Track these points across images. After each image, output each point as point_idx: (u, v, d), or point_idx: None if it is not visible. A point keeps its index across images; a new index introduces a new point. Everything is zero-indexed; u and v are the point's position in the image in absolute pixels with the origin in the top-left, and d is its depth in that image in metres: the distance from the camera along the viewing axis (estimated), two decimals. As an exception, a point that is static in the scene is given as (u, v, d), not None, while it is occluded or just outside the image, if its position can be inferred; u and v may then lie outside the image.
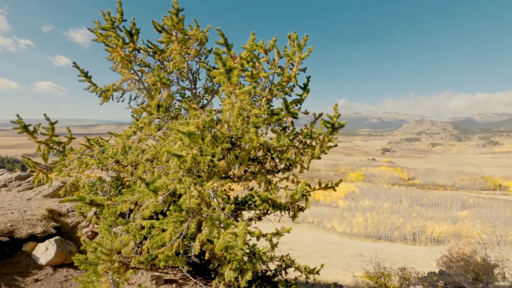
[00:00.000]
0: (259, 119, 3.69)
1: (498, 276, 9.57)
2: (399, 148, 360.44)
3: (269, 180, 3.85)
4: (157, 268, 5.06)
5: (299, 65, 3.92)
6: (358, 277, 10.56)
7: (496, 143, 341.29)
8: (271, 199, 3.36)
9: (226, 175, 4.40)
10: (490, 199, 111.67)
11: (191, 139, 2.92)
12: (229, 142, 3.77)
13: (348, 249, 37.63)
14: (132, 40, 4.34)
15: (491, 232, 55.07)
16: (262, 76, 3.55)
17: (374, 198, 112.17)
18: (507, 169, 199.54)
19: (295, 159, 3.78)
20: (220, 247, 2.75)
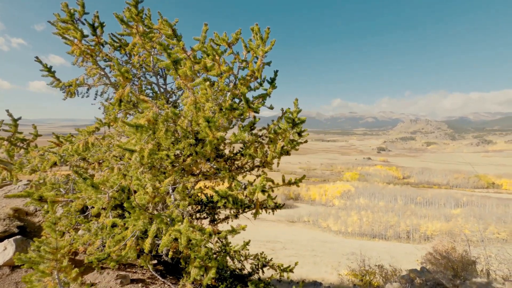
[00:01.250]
0: (220, 114, 3.60)
1: (481, 273, 9.62)
2: (395, 147, 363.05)
3: (233, 177, 3.76)
4: (125, 268, 4.95)
5: (263, 58, 3.84)
6: (343, 275, 10.55)
7: (490, 141, 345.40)
8: (231, 195, 3.27)
9: (195, 173, 4.31)
10: (483, 197, 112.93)
11: (139, 132, 2.83)
12: (194, 138, 3.68)
13: (341, 248, 37.70)
14: (95, 34, 4.22)
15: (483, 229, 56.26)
16: (222, 70, 3.47)
17: (370, 197, 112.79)
18: (500, 167, 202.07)
19: (258, 154, 3.70)
20: (165, 244, 2.66)
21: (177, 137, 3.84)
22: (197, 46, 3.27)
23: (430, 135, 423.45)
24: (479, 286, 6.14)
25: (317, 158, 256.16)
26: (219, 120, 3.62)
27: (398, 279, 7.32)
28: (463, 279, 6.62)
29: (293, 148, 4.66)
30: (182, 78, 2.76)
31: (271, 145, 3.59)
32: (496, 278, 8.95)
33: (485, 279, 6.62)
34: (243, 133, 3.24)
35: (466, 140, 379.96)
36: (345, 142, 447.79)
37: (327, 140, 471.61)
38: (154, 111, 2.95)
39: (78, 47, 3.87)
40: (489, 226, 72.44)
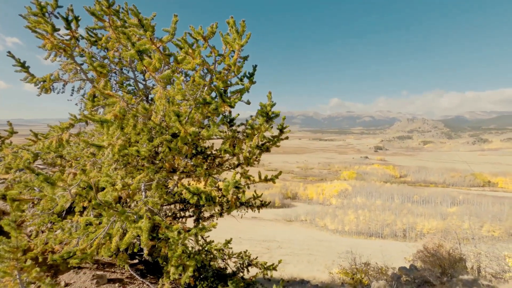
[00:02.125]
0: (194, 109, 3.51)
1: (471, 270, 9.62)
2: (392, 146, 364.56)
3: (209, 173, 3.68)
4: (104, 267, 4.85)
5: (239, 52, 3.76)
6: (334, 274, 10.51)
7: (486, 140, 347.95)
8: (203, 192, 3.19)
9: (171, 170, 4.22)
10: (479, 196, 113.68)
11: (106, 128, 2.74)
12: (170, 133, 3.59)
13: (337, 247, 37.79)
14: (69, 28, 4.12)
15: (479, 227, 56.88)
16: (196, 63, 3.38)
17: (367, 195, 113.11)
18: (496, 166, 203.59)
19: (235, 150, 3.62)
20: (126, 242, 2.58)
21: (153, 133, 3.76)
22: (166, 37, 3.18)
23: (427, 134, 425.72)
24: (465, 283, 6.11)
25: (315, 157, 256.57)
26: (194, 115, 3.54)
27: (384, 277, 7.27)
28: (450, 276, 6.59)
29: (273, 144, 4.59)
30: (150, 69, 2.68)
31: (246, 140, 3.51)
32: (486, 275, 8.96)
33: (471, 276, 6.60)
34: (216, 127, 3.15)
35: (463, 139, 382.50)
36: (343, 141, 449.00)
37: (324, 140, 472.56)
38: (122, 105, 2.85)
39: (50, 41, 3.76)
40: (485, 224, 73.04)
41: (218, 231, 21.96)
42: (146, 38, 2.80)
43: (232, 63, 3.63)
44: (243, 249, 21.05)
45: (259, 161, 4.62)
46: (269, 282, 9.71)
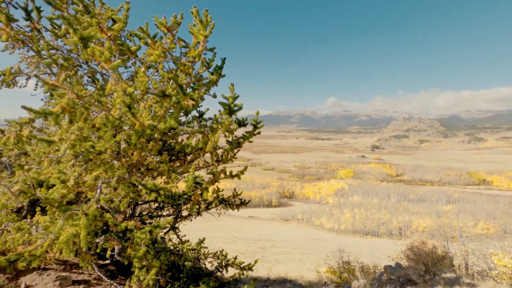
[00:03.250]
0: (152, 101, 3.36)
1: (458, 268, 9.56)
2: (388, 145, 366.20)
3: (172, 169, 3.53)
4: (71, 268, 4.69)
5: (205, 44, 3.61)
6: (322, 273, 10.40)
7: (481, 139, 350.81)
8: (162, 188, 3.04)
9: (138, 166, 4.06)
10: (474, 194, 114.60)
11: (53, 121, 2.58)
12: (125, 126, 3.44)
13: (332, 245, 37.81)
14: (29, 19, 3.94)
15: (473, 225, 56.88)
16: (156, 54, 3.22)
17: (363, 194, 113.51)
18: (491, 164, 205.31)
19: (198, 145, 3.47)
20: (63, 240, 2.43)
21: (116, 128, 3.60)
22: (117, 26, 3.01)
23: (423, 133, 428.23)
24: (447, 281, 6.03)
25: (312, 156, 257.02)
26: (158, 110, 3.39)
27: (367, 276, 7.18)
28: (433, 275, 6.51)
29: (246, 140, 4.45)
30: (97, 58, 2.52)
31: (210, 135, 3.36)
32: (473, 273, 8.90)
33: (454, 274, 6.53)
34: (172, 120, 3.00)
35: (458, 137, 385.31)
36: (340, 140, 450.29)
37: (321, 139, 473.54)
38: (71, 97, 2.69)
39: (6, 32, 3.59)
40: (479, 222, 73.61)
41: (214, 231, 22.22)
42: (95, 26, 2.64)
43: (196, 54, 3.48)
44: (237, 249, 20.98)
45: (231, 159, 4.48)
46: (255, 281, 9.60)
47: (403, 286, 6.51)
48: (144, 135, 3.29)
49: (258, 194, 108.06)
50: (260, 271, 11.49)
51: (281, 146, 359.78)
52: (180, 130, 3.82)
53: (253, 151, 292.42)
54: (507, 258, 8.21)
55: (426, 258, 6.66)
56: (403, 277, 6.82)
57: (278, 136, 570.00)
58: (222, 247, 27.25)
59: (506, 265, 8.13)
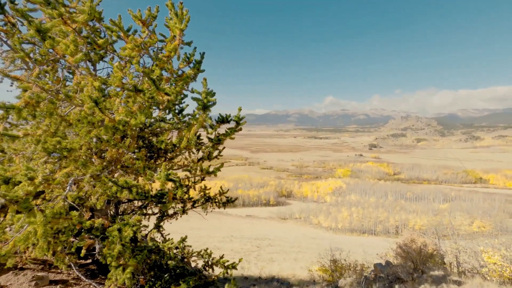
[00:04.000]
0: (132, 99, 3.27)
1: (449, 265, 9.56)
2: (386, 144, 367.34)
3: (148, 166, 3.45)
4: (50, 268, 4.60)
5: (181, 37, 3.52)
6: (314, 271, 10.37)
7: (478, 137, 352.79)
8: (135, 186, 2.96)
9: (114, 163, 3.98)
10: (471, 192, 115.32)
11: (16, 115, 2.49)
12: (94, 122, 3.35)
13: (328, 244, 37.75)
14: (3, 12, 3.83)
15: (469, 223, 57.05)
16: (128, 47, 3.14)
17: (361, 193, 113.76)
18: (487, 162, 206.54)
19: (174, 142, 3.40)
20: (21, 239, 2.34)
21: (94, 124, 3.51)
22: (82, 17, 2.92)
23: (420, 132, 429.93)
24: (434, 279, 6.00)
25: (310, 155, 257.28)
26: (131, 105, 3.30)
27: (353, 273, 7.14)
28: (421, 272, 6.48)
29: (227, 136, 4.38)
30: (61, 52, 2.43)
31: (185, 131, 3.28)
32: (464, 271, 8.89)
33: (442, 272, 6.50)
34: (143, 116, 2.92)
35: (455, 136, 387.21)
36: (338, 139, 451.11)
37: (319, 138, 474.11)
38: (35, 91, 2.60)
39: (-25, 25, 3.48)
40: (475, 220, 74.04)
41: (211, 230, 22.07)
42: (58, 18, 2.55)
43: (172, 48, 3.40)
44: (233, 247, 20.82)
45: (213, 157, 4.40)
46: (246, 280, 9.55)
47: (391, 284, 6.48)
48: (117, 131, 3.21)
49: (256, 193, 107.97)
50: (252, 269, 11.45)
51: (279, 145, 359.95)
52: (158, 126, 3.73)
53: (251, 150, 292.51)
54: (497, 255, 8.22)
55: (414, 256, 6.62)
56: (392, 275, 6.78)
57: (276, 135, 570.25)
58: (218, 246, 27.15)
59: (496, 262, 8.14)
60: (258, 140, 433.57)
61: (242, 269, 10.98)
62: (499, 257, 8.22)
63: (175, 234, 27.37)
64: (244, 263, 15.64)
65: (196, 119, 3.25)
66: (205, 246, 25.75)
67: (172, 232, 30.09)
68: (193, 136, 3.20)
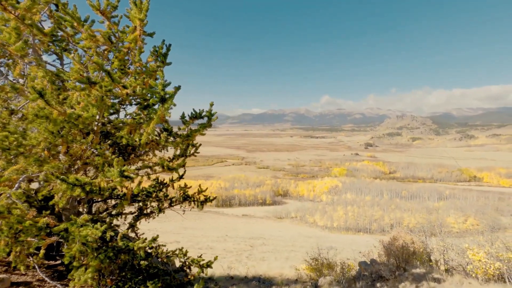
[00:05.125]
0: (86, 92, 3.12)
1: (435, 263, 9.53)
2: (381, 143, 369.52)
3: (108, 163, 3.31)
4: (14, 270, 4.43)
5: (141, 28, 3.38)
6: (301, 270, 10.28)
7: (472, 136, 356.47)
8: (88, 183, 2.81)
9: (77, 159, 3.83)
10: (465, 190, 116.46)
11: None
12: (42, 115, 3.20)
13: (322, 243, 37.79)
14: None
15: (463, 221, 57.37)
16: (82, 37, 2.99)
17: (356, 192, 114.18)
18: (481, 161, 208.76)
19: (133, 136, 3.26)
20: None
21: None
22: (24, 4, 2.75)
23: (415, 131, 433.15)
24: (415, 276, 5.93)
25: (306, 154, 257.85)
26: (86, 98, 3.15)
27: (331, 272, 7.07)
28: (403, 270, 6.42)
29: (198, 132, 4.25)
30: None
31: (144, 125, 3.15)
32: (449, 269, 8.86)
33: (424, 269, 6.44)
34: (94, 109, 2.78)
35: (450, 135, 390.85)
36: (334, 138, 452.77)
37: (316, 137, 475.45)
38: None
39: None
40: (469, 218, 74.75)
41: (206, 229, 21.82)
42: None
43: (132, 39, 3.25)
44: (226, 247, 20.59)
45: (193, 153, 4.27)
46: (231, 279, 9.44)
47: (374, 282, 6.40)
48: (74, 126, 3.06)
49: (252, 193, 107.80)
50: (240, 269, 11.32)
51: (276, 144, 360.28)
52: (120, 121, 3.59)
53: (247, 150, 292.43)
54: (481, 252, 8.20)
55: (396, 254, 6.56)
56: (375, 274, 6.71)
57: (272, 134, 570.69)
58: (211, 245, 26.98)
59: (481, 259, 8.11)
60: (255, 140, 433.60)
61: (229, 268, 10.86)
62: (483, 254, 8.20)
63: (169, 234, 27.62)
64: (234, 263, 15.53)
65: (156, 112, 3.12)
66: (198, 245, 25.71)
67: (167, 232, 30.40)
68: (152, 130, 3.06)
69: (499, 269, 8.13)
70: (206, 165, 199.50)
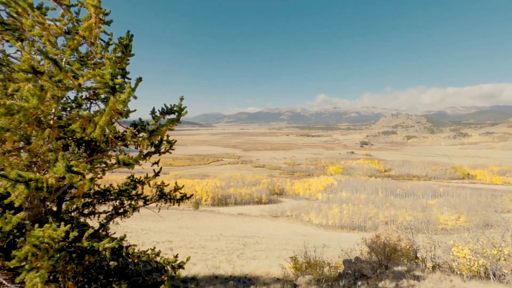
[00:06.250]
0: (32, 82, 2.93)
1: (421, 261, 9.49)
2: (377, 141, 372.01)
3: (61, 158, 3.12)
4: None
5: (97, 16, 3.18)
6: (287, 268, 10.16)
7: (465, 134, 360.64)
8: (34, 179, 2.62)
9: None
10: (459, 188, 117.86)
11: None
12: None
13: (316, 241, 37.86)
14: None
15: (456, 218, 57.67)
16: (27, 25, 2.80)
17: (352, 190, 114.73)
18: (475, 159, 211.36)
19: (86, 131, 3.07)
20: None
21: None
22: None
23: (410, 129, 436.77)
24: (396, 274, 5.84)
25: (302, 153, 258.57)
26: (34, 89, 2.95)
27: (311, 271, 6.97)
28: (384, 268, 6.33)
29: (167, 127, 4.08)
30: None
31: (96, 118, 2.96)
32: (435, 266, 8.81)
33: (405, 267, 6.36)
34: (35, 99, 2.58)
35: (444, 133, 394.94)
36: (330, 137, 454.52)
37: (312, 136, 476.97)
38: None
39: None
40: (462, 215, 75.58)
41: (201, 229, 21.50)
42: None
43: (86, 28, 3.06)
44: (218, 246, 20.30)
45: (167, 150, 4.09)
46: (216, 279, 9.28)
47: (356, 280, 6.30)
48: (23, 119, 2.86)
49: (248, 191, 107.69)
50: (226, 269, 11.17)
51: (272, 143, 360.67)
52: (76, 114, 3.40)
53: (243, 149, 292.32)
54: (466, 249, 8.15)
55: (379, 251, 6.46)
56: (358, 272, 6.61)
57: (268, 133, 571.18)
58: (204, 244, 26.78)
59: (465, 256, 8.07)
60: (251, 139, 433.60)
61: (215, 268, 10.72)
62: (468, 251, 8.16)
63: (163, 233, 27.21)
64: (223, 262, 15.38)
65: (107, 104, 2.94)
66: (190, 245, 25.32)
67: (161, 231, 29.98)
68: (104, 124, 2.88)
69: (484, 266, 8.10)
70: (202, 164, 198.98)
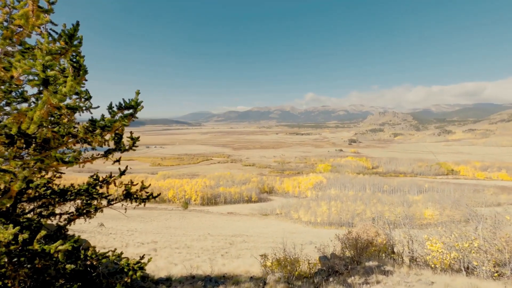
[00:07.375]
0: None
1: (397, 256, 9.61)
2: (365, 139, 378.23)
3: (18, 156, 2.91)
4: None
5: (35, 3, 2.97)
6: (267, 267, 10.10)
7: (450, 131, 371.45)
8: None
9: None
10: (443, 183, 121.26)
11: None
12: None
13: (303, 238, 38.09)
14: None
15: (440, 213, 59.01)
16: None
17: (340, 187, 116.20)
18: (458, 155, 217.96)
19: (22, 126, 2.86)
20: None
21: None
22: None
23: (397, 127, 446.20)
24: (366, 269, 5.86)
25: (292, 151, 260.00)
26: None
27: (281, 268, 6.94)
28: (356, 263, 6.35)
29: (122, 122, 3.91)
30: None
31: (30, 113, 2.76)
32: (411, 260, 8.95)
33: (376, 262, 6.40)
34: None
35: (429, 130, 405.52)
36: (319, 135, 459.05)
37: (301, 134, 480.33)
38: None
39: None
40: (445, 210, 77.65)
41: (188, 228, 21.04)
42: None
43: (21, 15, 2.84)
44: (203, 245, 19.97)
45: (129, 148, 3.89)
46: (192, 279, 9.12)
47: (329, 276, 6.29)
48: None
49: (237, 190, 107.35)
50: (204, 268, 11.02)
51: (262, 141, 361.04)
52: (14, 108, 3.18)
53: (233, 147, 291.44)
54: (439, 243, 8.30)
55: (352, 247, 6.47)
56: (331, 268, 6.60)
57: (258, 132, 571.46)
58: (189, 244, 26.44)
59: (438, 249, 8.21)
60: (240, 137, 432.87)
61: (193, 268, 10.53)
62: (441, 244, 8.31)
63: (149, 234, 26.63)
64: (206, 261, 15.21)
65: (41, 98, 2.74)
66: (175, 245, 24.87)
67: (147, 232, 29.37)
68: (38, 119, 2.68)
69: (457, 259, 8.26)
70: (191, 164, 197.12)
